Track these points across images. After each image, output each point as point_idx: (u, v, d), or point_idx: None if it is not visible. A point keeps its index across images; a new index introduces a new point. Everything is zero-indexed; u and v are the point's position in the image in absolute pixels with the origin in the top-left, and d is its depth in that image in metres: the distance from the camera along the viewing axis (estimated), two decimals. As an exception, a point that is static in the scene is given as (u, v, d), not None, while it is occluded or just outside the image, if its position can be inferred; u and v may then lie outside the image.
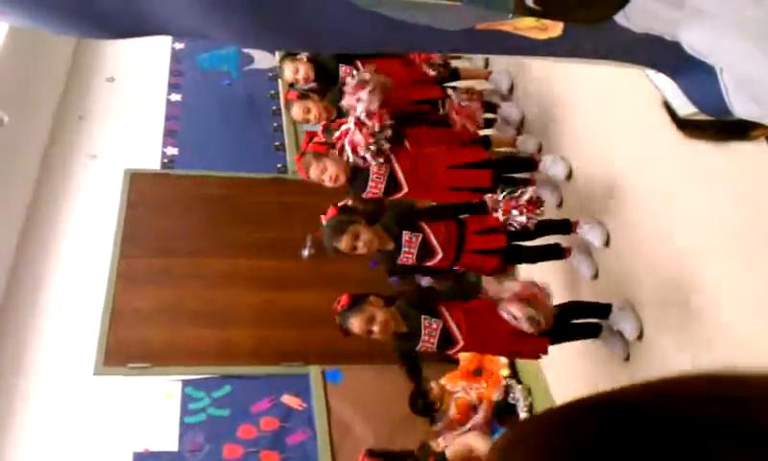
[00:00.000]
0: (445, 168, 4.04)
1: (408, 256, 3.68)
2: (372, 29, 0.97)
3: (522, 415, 4.51)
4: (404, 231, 3.63)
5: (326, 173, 3.92)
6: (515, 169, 4.41)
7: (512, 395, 4.63)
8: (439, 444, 4.15)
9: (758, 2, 0.90)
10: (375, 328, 3.33)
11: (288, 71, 4.69)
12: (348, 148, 3.82)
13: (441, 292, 3.66)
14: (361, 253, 3.61)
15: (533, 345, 3.71)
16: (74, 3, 0.92)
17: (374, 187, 3.97)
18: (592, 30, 0.96)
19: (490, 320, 3.53)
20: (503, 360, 4.70)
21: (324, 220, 3.66)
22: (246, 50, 7.23)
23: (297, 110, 4.47)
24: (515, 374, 4.73)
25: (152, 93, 7.04)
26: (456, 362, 4.68)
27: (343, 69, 4.46)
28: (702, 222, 3.19)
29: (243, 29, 1.00)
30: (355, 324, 3.34)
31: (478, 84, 5.09)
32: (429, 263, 3.75)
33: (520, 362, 4.71)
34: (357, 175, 3.96)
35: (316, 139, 4.09)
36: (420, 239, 3.65)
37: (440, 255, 3.68)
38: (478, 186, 4.12)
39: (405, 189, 3.99)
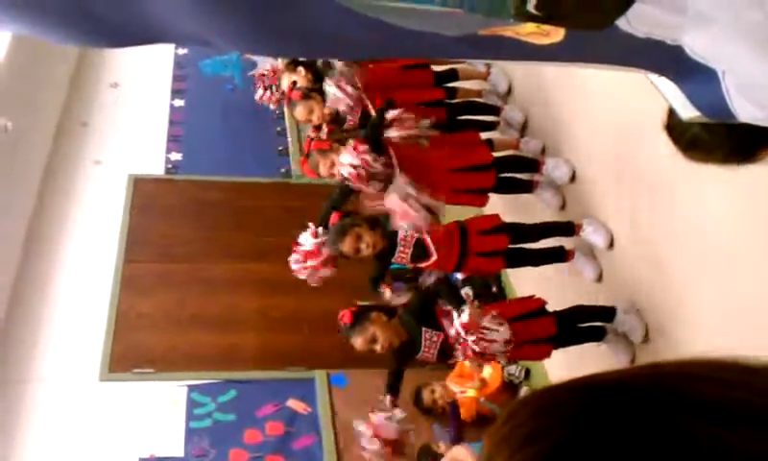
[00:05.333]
0: (449, 171, 4.04)
1: (402, 256, 3.70)
2: (374, 36, 0.97)
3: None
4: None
5: (336, 167, 3.93)
6: (517, 169, 4.41)
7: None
8: (440, 446, 4.17)
9: (760, 6, 0.90)
10: (377, 348, 3.38)
11: (285, 82, 4.75)
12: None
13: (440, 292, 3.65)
14: (365, 254, 3.62)
15: (535, 351, 3.71)
16: (74, 11, 0.92)
17: None
18: (594, 35, 0.96)
19: None
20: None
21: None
22: (249, 57, 7.27)
23: (300, 110, 4.49)
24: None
25: (155, 99, 7.06)
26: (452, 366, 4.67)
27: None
28: (707, 223, 3.18)
29: (243, 36, 1.00)
30: (357, 342, 3.40)
31: (477, 85, 5.10)
32: (423, 265, 3.75)
33: (526, 364, 4.71)
34: None
35: (317, 136, 4.13)
36: (414, 238, 3.66)
37: (434, 257, 3.67)
38: (482, 188, 4.12)
39: None
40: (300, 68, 4.62)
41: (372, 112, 4.20)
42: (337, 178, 3.99)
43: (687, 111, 1.19)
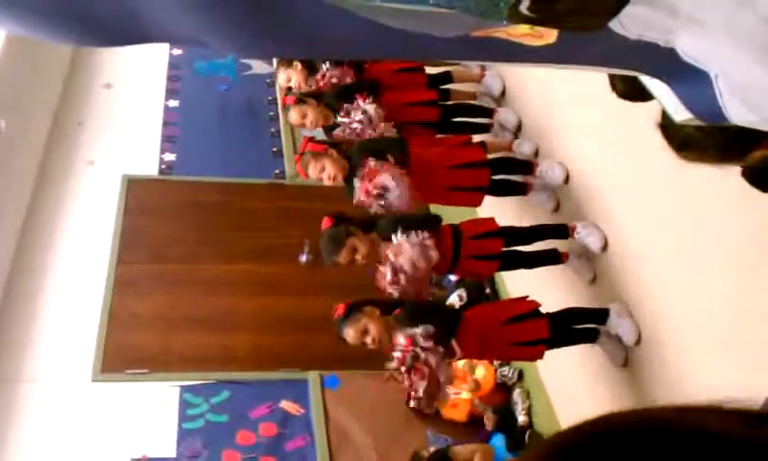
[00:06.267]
0: (444, 169, 4.04)
1: None
2: (368, 36, 0.97)
3: (521, 418, 4.52)
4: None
5: (325, 172, 3.93)
6: (511, 171, 4.42)
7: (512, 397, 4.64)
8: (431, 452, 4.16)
9: (753, 10, 0.90)
10: (368, 340, 3.36)
11: (282, 78, 4.75)
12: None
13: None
14: (359, 265, 3.63)
15: (529, 353, 3.72)
16: (70, 11, 0.92)
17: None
18: (587, 37, 0.96)
19: (485, 328, 3.54)
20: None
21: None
22: (243, 60, 7.28)
23: (294, 115, 4.49)
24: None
25: (149, 99, 7.05)
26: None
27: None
28: (703, 226, 3.19)
29: (237, 36, 1.00)
30: (349, 334, 3.36)
31: (471, 87, 5.11)
32: None
33: (518, 365, 4.71)
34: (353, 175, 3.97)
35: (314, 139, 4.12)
36: None
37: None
38: (477, 186, 4.12)
39: None
40: (296, 63, 4.62)
41: None
42: (325, 183, 3.99)
43: (680, 114, 1.20)
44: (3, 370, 4.88)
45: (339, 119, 4.30)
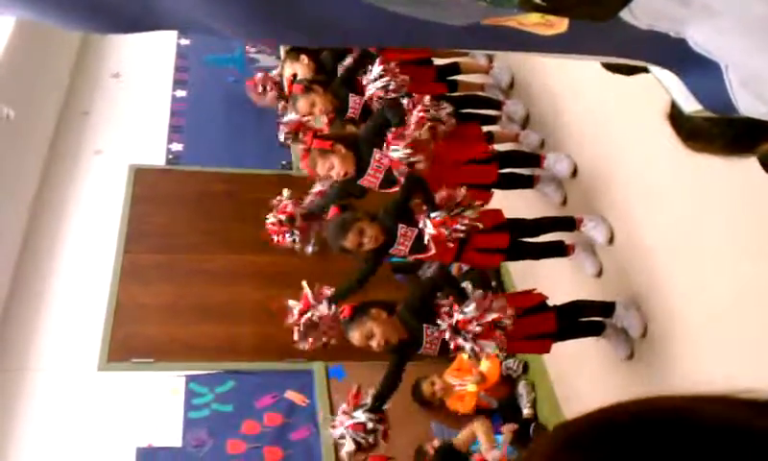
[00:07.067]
0: (453, 165, 4.03)
1: (401, 249, 3.69)
2: (375, 23, 0.97)
3: (525, 411, 4.52)
4: (400, 224, 3.62)
5: (334, 170, 3.91)
6: (518, 165, 4.41)
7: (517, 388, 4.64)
8: (434, 445, 4.16)
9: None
10: (374, 344, 3.37)
11: (288, 72, 4.70)
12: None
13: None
14: (367, 248, 3.61)
15: (535, 346, 3.71)
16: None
17: (373, 176, 3.95)
18: (598, 26, 0.96)
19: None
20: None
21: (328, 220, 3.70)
22: (251, 55, 7.29)
23: (302, 104, 4.43)
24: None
25: (157, 89, 7.06)
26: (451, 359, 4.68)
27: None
28: (709, 220, 3.18)
29: (243, 21, 1.00)
30: (355, 337, 3.39)
31: (479, 79, 5.09)
32: (421, 257, 3.75)
33: (524, 357, 4.71)
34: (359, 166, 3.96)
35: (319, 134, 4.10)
36: (415, 233, 3.64)
37: (432, 251, 3.67)
38: (484, 182, 4.11)
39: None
40: (303, 56, 4.56)
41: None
42: (336, 179, 3.97)
43: (690, 105, 1.19)
44: (10, 359, 4.90)
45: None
